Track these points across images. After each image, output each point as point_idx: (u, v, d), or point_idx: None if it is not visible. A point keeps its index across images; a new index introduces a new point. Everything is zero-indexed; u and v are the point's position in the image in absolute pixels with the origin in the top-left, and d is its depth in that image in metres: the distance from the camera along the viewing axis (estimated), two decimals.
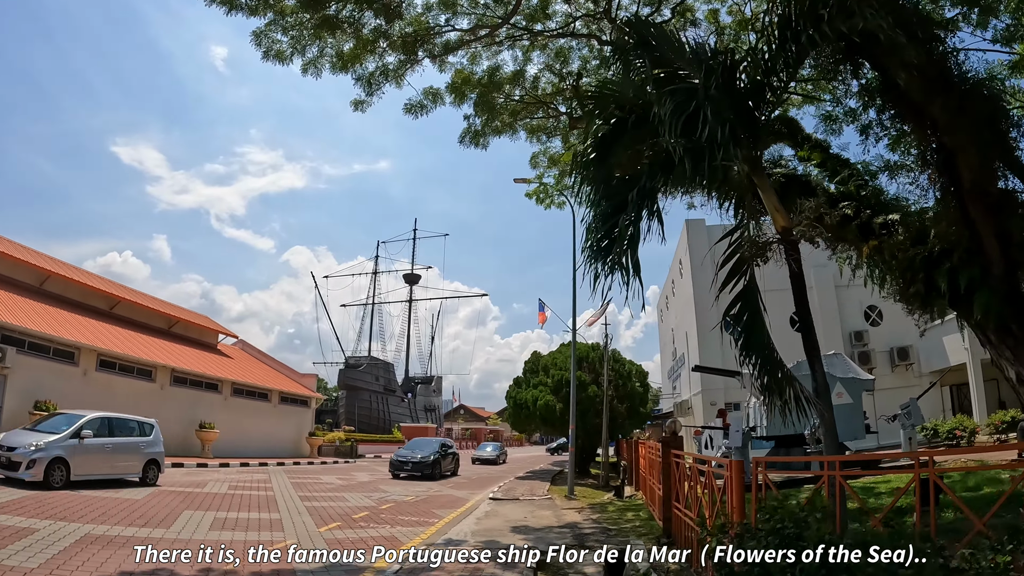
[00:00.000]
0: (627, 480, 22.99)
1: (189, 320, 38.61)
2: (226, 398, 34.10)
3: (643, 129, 6.72)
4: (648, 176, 6.70)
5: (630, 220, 6.52)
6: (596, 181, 6.88)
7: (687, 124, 5.94)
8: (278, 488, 18.38)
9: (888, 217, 9.73)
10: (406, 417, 73.74)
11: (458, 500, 17.67)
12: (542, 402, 26.34)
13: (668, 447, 10.68)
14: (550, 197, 19.79)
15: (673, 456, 10.33)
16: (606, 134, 6.68)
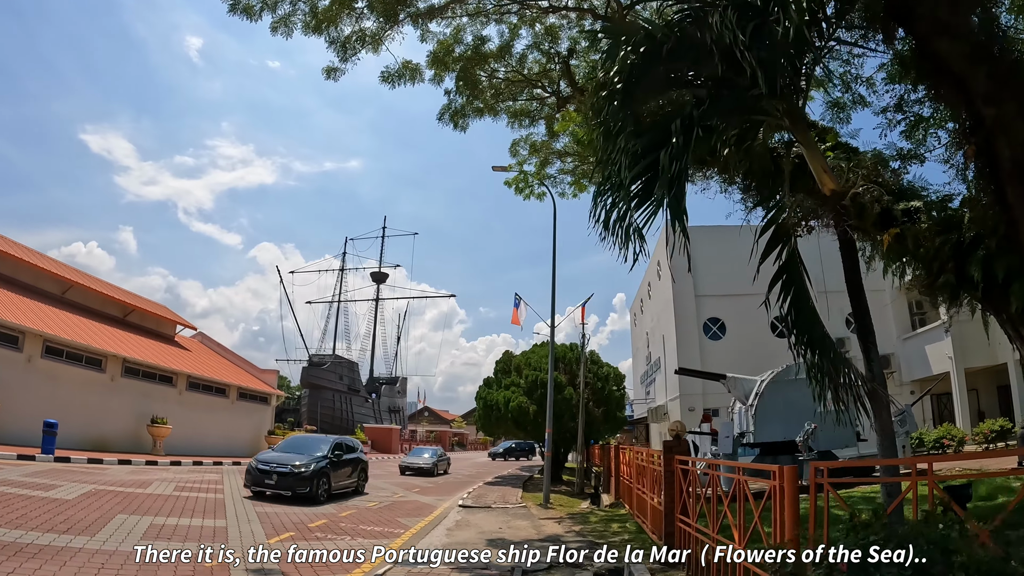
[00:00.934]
0: (603, 487, 21.86)
1: (145, 309, 36.73)
2: (181, 392, 32.34)
3: (680, 60, 5.57)
4: (694, 105, 5.56)
5: (673, 152, 5.39)
6: (623, 118, 5.67)
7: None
8: (230, 490, 16.88)
9: (910, 204, 9.07)
10: (370, 418, 72.21)
11: (425, 507, 16.33)
12: (514, 404, 25.02)
13: (671, 452, 9.49)
14: (530, 187, 18.58)
15: (678, 463, 9.15)
16: (635, 64, 5.47)
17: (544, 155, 17.94)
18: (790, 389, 18.63)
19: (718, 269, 32.22)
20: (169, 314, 40.24)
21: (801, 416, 17.73)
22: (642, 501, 12.64)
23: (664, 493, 9.47)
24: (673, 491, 9.24)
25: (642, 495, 12.78)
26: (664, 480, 9.50)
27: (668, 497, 9.37)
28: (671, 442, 9.71)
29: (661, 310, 35.01)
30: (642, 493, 12.88)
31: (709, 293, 31.79)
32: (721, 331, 31.48)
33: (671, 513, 9.25)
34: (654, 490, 11.42)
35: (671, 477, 9.35)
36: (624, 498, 16.30)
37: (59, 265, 32.37)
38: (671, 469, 9.36)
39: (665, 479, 9.47)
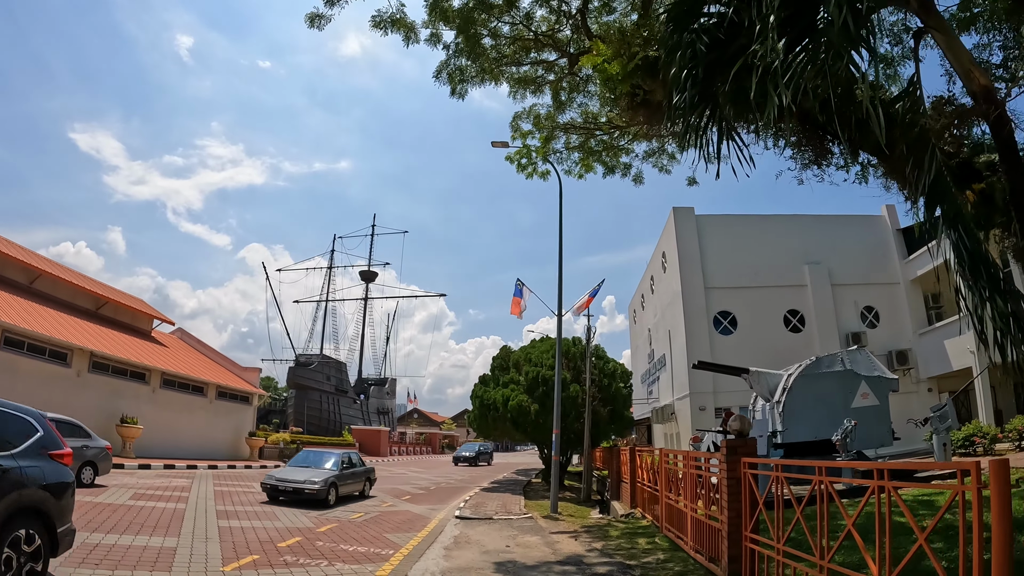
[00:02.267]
0: (610, 493, 19.89)
1: (120, 302, 34.48)
2: (155, 390, 30.19)
3: None
4: None
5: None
6: None
7: None
8: (195, 499, 14.84)
9: (994, 156, 7.72)
10: (358, 419, 70.08)
11: (417, 519, 14.27)
12: (514, 402, 22.95)
13: (736, 454, 7.53)
14: (533, 164, 16.65)
15: (746, 467, 7.21)
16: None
17: (549, 129, 16.11)
18: (820, 383, 16.98)
19: (728, 260, 30.46)
20: (146, 308, 38.03)
21: (833, 412, 15.90)
22: (676, 513, 10.70)
23: (728, 506, 7.50)
24: (740, 503, 7.30)
25: (674, 505, 10.85)
26: (728, 489, 7.54)
27: (733, 511, 7.42)
28: (736, 441, 7.74)
29: (667, 304, 33.06)
30: (672, 502, 10.96)
31: (719, 285, 29.91)
32: (732, 325, 29.57)
33: (737, 531, 7.31)
34: (695, 500, 9.50)
35: (736, 485, 7.40)
36: (644, 507, 14.36)
37: (27, 252, 30.15)
38: (737, 475, 7.42)
39: (729, 488, 7.51)
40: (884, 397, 17.25)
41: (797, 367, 17.84)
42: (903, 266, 30.92)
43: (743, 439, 7.75)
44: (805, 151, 11.52)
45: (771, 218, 32.39)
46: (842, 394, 17.01)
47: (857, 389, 17.23)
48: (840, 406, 16.57)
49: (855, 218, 32.75)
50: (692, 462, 10.03)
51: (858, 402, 17.07)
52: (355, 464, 18.68)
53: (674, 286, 31.06)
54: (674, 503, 10.90)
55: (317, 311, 79.17)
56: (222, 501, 14.94)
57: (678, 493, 10.74)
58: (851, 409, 16.57)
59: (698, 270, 29.93)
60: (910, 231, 31.34)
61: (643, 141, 16.15)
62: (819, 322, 29.83)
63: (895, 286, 31.00)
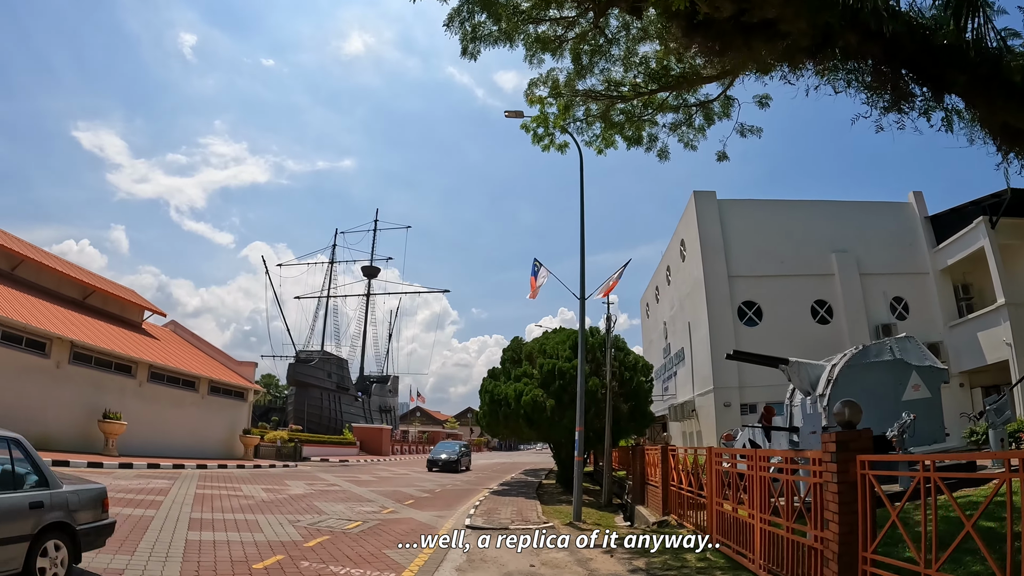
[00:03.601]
0: (631, 497, 18.06)
1: (108, 291, 32.69)
2: (141, 384, 28.39)
3: None
4: None
5: None
6: None
7: None
8: (170, 505, 13.03)
9: None
10: (360, 417, 68.38)
11: (422, 530, 12.35)
12: (528, 397, 20.98)
13: (849, 450, 5.72)
14: (550, 134, 14.87)
15: (865, 467, 5.41)
16: None
17: (569, 95, 14.31)
18: (869, 374, 15.19)
19: (752, 247, 28.68)
20: (136, 298, 36.21)
21: (883, 406, 14.08)
22: (733, 524, 8.92)
23: (839, 518, 5.68)
24: (855, 513, 5.50)
25: (729, 514, 9.07)
26: (838, 496, 5.71)
27: (845, 524, 5.60)
28: (848, 433, 5.90)
29: (686, 295, 31.19)
30: (728, 510, 9.16)
31: (743, 274, 28.09)
32: (757, 316, 27.75)
33: (851, 551, 5.51)
34: (767, 509, 7.70)
35: (850, 491, 5.59)
36: (682, 515, 12.52)
37: (8, 237, 28.37)
38: (851, 477, 5.61)
39: (840, 495, 5.68)
40: (936, 389, 15.47)
41: (842, 356, 16.03)
42: (932, 255, 29.22)
43: (854, 430, 5.92)
44: (882, 93, 9.93)
45: (796, 204, 30.59)
46: (892, 386, 15.21)
47: (908, 380, 15.43)
48: (891, 399, 14.84)
49: (882, 205, 31.08)
50: (763, 462, 8.20)
51: (909, 394, 15.27)
52: None
53: (695, 274, 29.24)
54: (731, 512, 9.10)
55: (318, 308, 77.23)
56: (201, 507, 13.13)
57: (737, 499, 8.95)
58: (902, 402, 14.86)
59: (721, 257, 28.12)
60: (939, 219, 29.74)
61: (668, 112, 14.54)
62: (848, 313, 28.06)
63: (924, 276, 29.29)
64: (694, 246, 29.43)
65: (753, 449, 8.57)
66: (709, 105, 14.21)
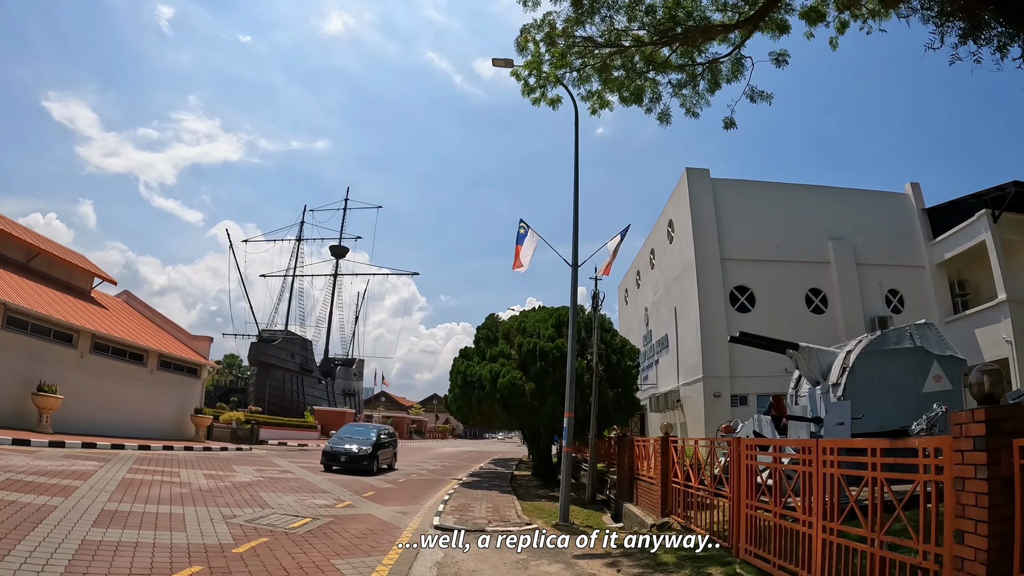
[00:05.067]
0: (618, 493, 16.27)
1: (55, 255, 30.13)
2: (83, 354, 26.01)
3: None
4: None
5: None
6: None
7: None
8: (85, 492, 10.92)
9: None
10: (323, 400, 66.41)
11: (381, 531, 10.33)
12: (505, 380, 18.89)
13: (1002, 432, 3.89)
14: (542, 85, 13.08)
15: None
16: None
17: (566, 42, 12.57)
18: (888, 362, 13.59)
19: (746, 230, 27.05)
20: (85, 264, 33.57)
21: (902, 398, 12.80)
22: (778, 534, 7.11)
23: (989, 528, 3.85)
24: (1012, 520, 3.70)
25: (769, 519, 7.29)
26: (989, 496, 3.87)
27: (995, 537, 3.79)
28: (1000, 410, 4.03)
29: (674, 278, 29.43)
30: (765, 514, 7.39)
31: (736, 257, 26.44)
32: (750, 302, 26.12)
33: (1001, 570, 3.70)
34: (836, 516, 5.92)
35: (1004, 490, 3.79)
36: (687, 517, 10.73)
37: None
38: (1004, 471, 3.81)
39: (990, 495, 3.85)
40: (957, 381, 13.87)
41: (856, 342, 14.43)
42: (929, 248, 27.99)
43: (1005, 406, 4.09)
44: (954, 22, 8.54)
45: (791, 187, 29.02)
46: (912, 376, 13.62)
47: (929, 371, 13.83)
48: (911, 390, 13.28)
49: (879, 194, 29.75)
50: (831, 455, 6.35)
51: (930, 386, 13.68)
52: None
53: (684, 256, 27.50)
54: (772, 517, 7.32)
55: (284, 287, 74.55)
56: (122, 497, 11.02)
57: (782, 502, 7.17)
58: (922, 394, 13.30)
59: (714, 239, 26.40)
60: (936, 211, 28.50)
61: (672, 72, 12.90)
62: (843, 303, 26.61)
63: (920, 270, 28.04)
64: (684, 226, 27.69)
65: (812, 439, 6.74)
66: (718, 64, 12.61)
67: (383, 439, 23.55)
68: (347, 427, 25.41)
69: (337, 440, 22.53)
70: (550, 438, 22.26)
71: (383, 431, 24.59)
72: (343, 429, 24.78)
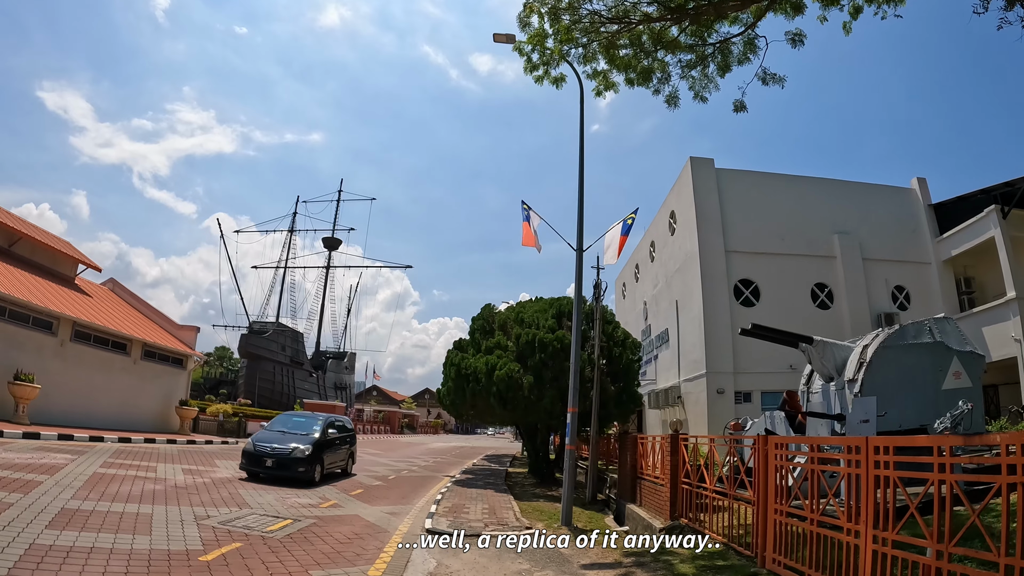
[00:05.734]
0: (618, 493, 15.45)
1: (37, 240, 29.15)
2: (63, 343, 25.08)
3: None
4: None
5: None
6: None
7: None
8: (49, 488, 10.04)
9: None
10: (314, 394, 65.47)
11: (368, 535, 9.40)
12: (502, 372, 17.85)
13: None
14: (547, 63, 12.36)
15: None
16: None
17: (573, 16, 11.91)
18: (907, 357, 12.84)
19: (751, 221, 26.24)
20: (69, 250, 32.59)
21: (921, 394, 12.11)
22: (817, 544, 6.29)
23: None
24: None
25: (809, 528, 6.46)
26: None
27: None
28: None
29: (675, 270, 28.58)
30: (806, 524, 6.58)
31: (741, 249, 25.61)
32: (755, 296, 25.31)
33: None
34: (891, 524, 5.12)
35: None
36: (698, 520, 9.92)
37: None
38: None
39: None
40: (977, 378, 13.16)
41: (873, 336, 13.67)
42: (935, 245, 27.28)
43: None
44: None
45: (796, 179, 28.19)
46: (932, 372, 12.88)
47: (949, 367, 13.08)
48: (930, 387, 12.55)
49: (884, 189, 28.98)
50: (885, 455, 5.53)
51: (950, 383, 12.93)
52: None
53: (687, 247, 26.63)
54: (807, 524, 6.51)
55: (276, 278, 73.33)
56: (88, 493, 10.14)
57: (819, 507, 6.36)
58: (942, 391, 12.58)
59: (718, 230, 25.51)
60: (943, 207, 27.80)
61: (681, 52, 12.20)
62: (849, 299, 25.83)
63: (926, 266, 27.32)
64: (687, 216, 26.83)
65: (863, 437, 5.92)
66: (729, 45, 11.88)
67: (331, 436, 17.36)
68: (282, 417, 18.56)
69: (265, 436, 16.12)
70: (547, 434, 21.39)
71: (333, 423, 18.33)
72: (277, 419, 18.23)
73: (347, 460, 19.04)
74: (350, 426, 20.38)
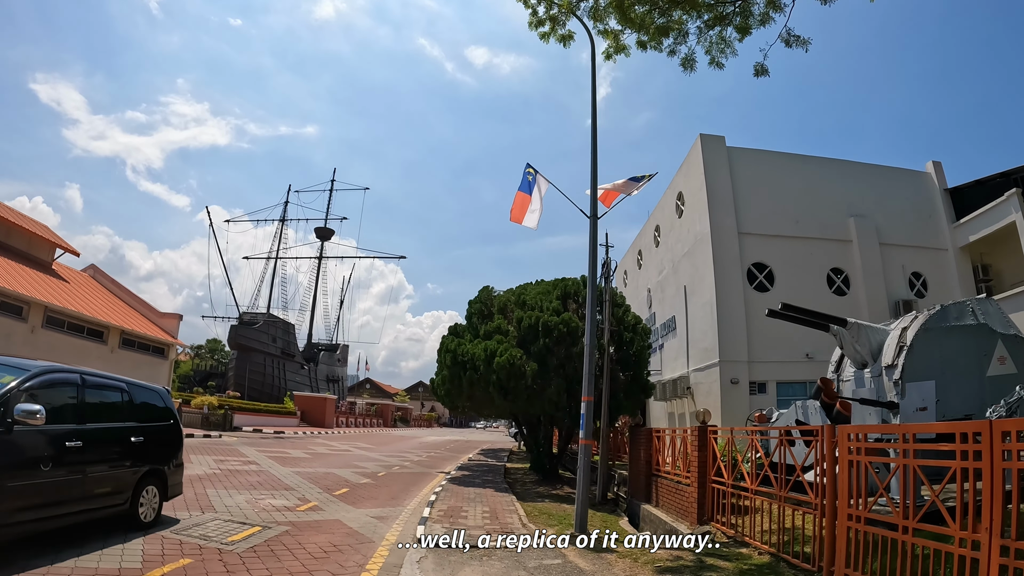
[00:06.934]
0: (632, 492, 14.05)
1: (13, 222, 27.65)
2: (34, 329, 23.65)
3: None
4: None
5: None
6: None
7: None
8: None
9: None
10: (305, 386, 64.01)
11: (350, 545, 7.93)
12: (503, 359, 16.26)
13: None
14: (554, 18, 10.96)
15: None
16: None
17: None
18: (949, 341, 11.42)
19: (764, 203, 24.84)
20: (46, 233, 31.07)
21: (962, 379, 10.89)
22: (898, 555, 4.93)
23: None
24: None
25: (900, 539, 5.09)
26: None
27: None
28: None
29: (683, 255, 27.10)
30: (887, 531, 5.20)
31: (753, 231, 24.18)
32: (768, 281, 23.90)
33: None
34: None
35: None
36: (736, 527, 8.54)
37: None
38: None
39: None
40: (1022, 364, 11.76)
41: (912, 318, 12.25)
42: (952, 231, 26.03)
43: None
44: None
45: (810, 159, 26.77)
46: (976, 357, 11.47)
47: (994, 351, 11.68)
48: (974, 373, 11.18)
49: (900, 172, 27.66)
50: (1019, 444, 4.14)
51: (995, 369, 11.52)
52: None
53: (697, 229, 25.17)
54: (901, 535, 5.12)
55: (267, 269, 71.66)
56: None
57: (913, 514, 4.94)
58: (987, 378, 11.22)
59: (730, 211, 24.05)
60: (960, 192, 26.52)
61: (699, 11, 10.74)
62: (866, 285, 24.49)
63: (943, 252, 26.08)
64: (697, 197, 25.35)
65: (984, 421, 4.51)
66: (749, 6, 10.45)
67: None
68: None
69: None
70: (551, 427, 19.88)
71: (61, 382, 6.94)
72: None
73: (130, 491, 7.51)
74: (162, 405, 8.68)
